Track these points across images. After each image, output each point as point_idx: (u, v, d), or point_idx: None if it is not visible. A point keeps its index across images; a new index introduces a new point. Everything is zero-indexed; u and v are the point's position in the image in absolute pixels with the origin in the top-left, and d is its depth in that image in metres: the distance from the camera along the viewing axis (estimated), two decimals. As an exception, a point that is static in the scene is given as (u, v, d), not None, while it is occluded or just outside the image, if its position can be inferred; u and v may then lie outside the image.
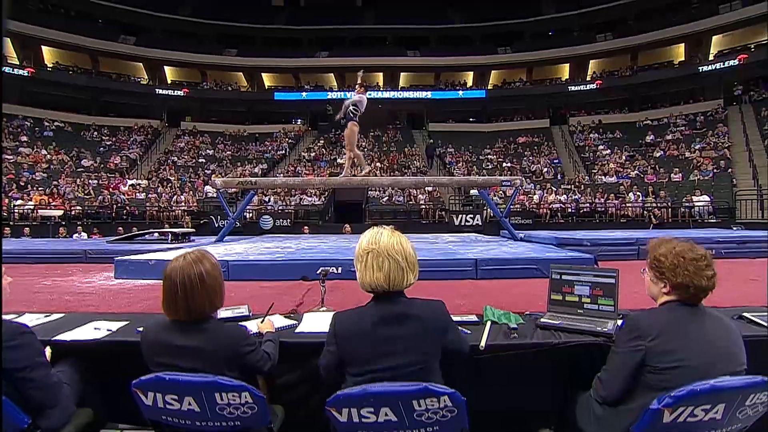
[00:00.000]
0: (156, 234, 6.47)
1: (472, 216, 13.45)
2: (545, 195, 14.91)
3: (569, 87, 25.82)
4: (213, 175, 18.25)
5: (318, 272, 4.05)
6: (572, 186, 15.84)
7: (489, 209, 13.69)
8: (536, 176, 17.74)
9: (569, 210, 13.98)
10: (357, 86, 6.35)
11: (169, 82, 27.59)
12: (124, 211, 14.40)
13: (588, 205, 14.05)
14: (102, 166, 18.96)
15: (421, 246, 5.34)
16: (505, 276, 4.00)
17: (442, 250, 4.80)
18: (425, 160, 21.88)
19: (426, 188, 16.48)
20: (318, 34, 28.06)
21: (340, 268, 3.99)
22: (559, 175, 17.74)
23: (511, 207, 14.05)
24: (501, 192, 15.52)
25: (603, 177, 16.62)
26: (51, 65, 24.82)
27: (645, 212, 13.27)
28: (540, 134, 23.50)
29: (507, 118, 26.45)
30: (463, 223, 13.35)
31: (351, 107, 6.00)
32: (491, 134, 24.59)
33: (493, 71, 27.67)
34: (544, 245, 5.59)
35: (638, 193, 14.27)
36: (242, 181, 6.62)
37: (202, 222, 13.68)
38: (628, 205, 13.73)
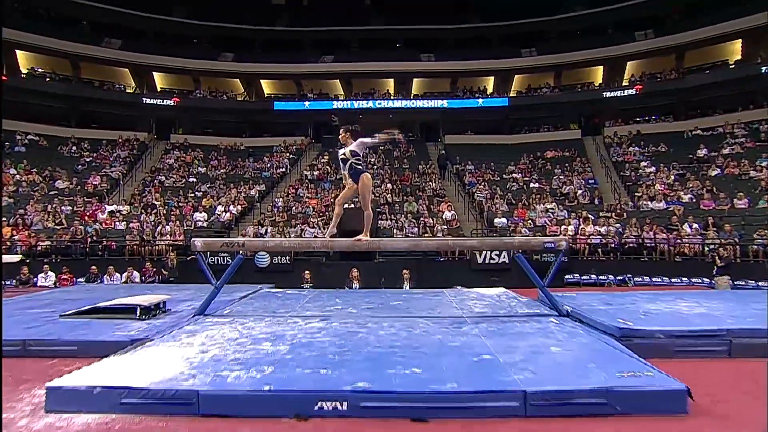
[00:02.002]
0: (124, 301, 5.84)
1: (497, 253, 12.75)
2: (581, 225, 14.16)
3: (604, 93, 25.13)
4: (204, 200, 17.82)
5: (316, 407, 3.38)
6: (612, 213, 15.04)
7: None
8: (569, 200, 17.00)
9: (611, 245, 13.17)
10: (342, 133, 5.73)
11: (158, 90, 27.42)
12: (101, 246, 13.88)
13: (634, 238, 13.22)
14: (79, 188, 18.49)
15: (438, 335, 4.64)
16: (565, 414, 3.28)
17: (477, 356, 4.07)
18: (440, 175, 21.46)
19: (444, 215, 15.87)
20: (322, 37, 27.81)
21: (345, 403, 3.31)
22: (596, 200, 16.92)
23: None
24: (530, 222, 14.84)
25: (649, 202, 15.78)
26: (26, 71, 24.66)
27: (706, 250, 12.35)
28: (571, 147, 22.88)
29: (532, 129, 25.91)
30: (486, 261, 12.82)
31: (353, 160, 5.43)
32: (515, 148, 24.07)
33: (516, 76, 27.17)
34: (601, 334, 4.85)
35: (695, 224, 13.37)
36: (227, 243, 6.05)
37: (189, 258, 13.16)
38: (683, 240, 12.85)
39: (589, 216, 14.51)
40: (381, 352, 4.19)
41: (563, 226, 14.21)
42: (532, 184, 18.79)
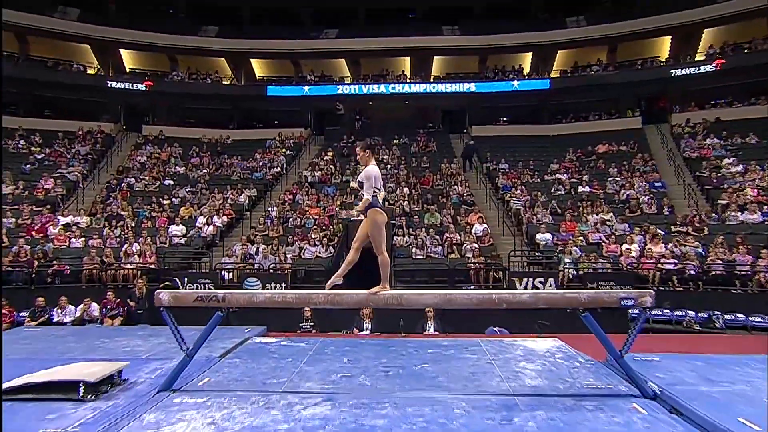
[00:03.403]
0: (64, 373, 5.23)
1: (542, 279, 12.41)
2: (648, 243, 13.48)
3: (672, 70, 24.24)
4: (182, 209, 17.44)
5: None
6: (689, 228, 14.25)
7: (564, 269, 12.55)
8: (630, 209, 16.23)
9: (689, 271, 12.41)
10: (359, 151, 5.48)
11: (126, 71, 27.21)
12: (51, 270, 13.35)
13: (720, 264, 12.42)
14: (26, 194, 17.89)
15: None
16: None
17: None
18: (464, 167, 21.08)
19: (473, 229, 15.27)
20: (324, 6, 27.57)
21: None
22: (665, 209, 16.09)
23: (592, 259, 12.98)
24: (580, 238, 14.18)
25: (738, 213, 14.82)
26: (-41, 49, 24.43)
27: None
28: (629, 139, 22.24)
29: (580, 117, 25.43)
30: (529, 288, 12.21)
31: (368, 189, 5.22)
32: (558, 141, 23.65)
33: (559, 52, 26.64)
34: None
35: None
36: (203, 297, 5.42)
37: (161, 286, 12.51)
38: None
39: (658, 232, 13.84)
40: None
41: (624, 245, 13.52)
42: (581, 188, 18.20)
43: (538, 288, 12.26)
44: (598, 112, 25.31)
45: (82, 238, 15.14)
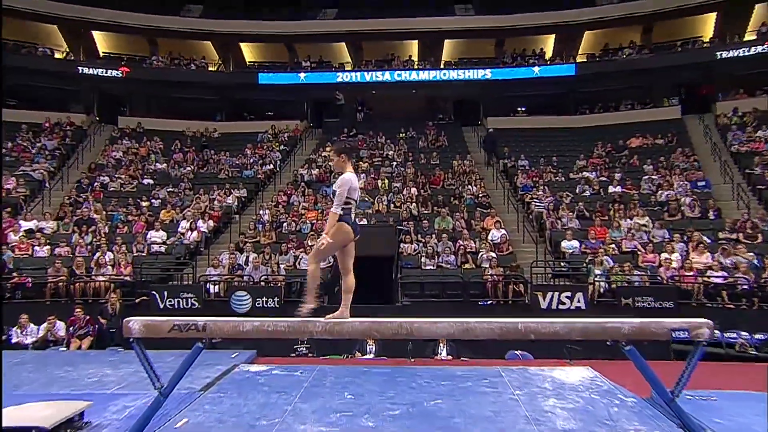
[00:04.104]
0: (16, 418, 4.98)
1: (569, 294, 12.16)
2: (691, 252, 13.21)
3: (717, 52, 23.79)
4: (162, 212, 17.29)
5: None
6: (740, 235, 13.89)
7: (594, 282, 12.34)
8: (669, 213, 15.91)
9: (742, 286, 12.07)
10: (333, 156, 5.39)
11: (99, 55, 27.15)
12: (10, 283, 13.07)
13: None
14: (-17, 195, 17.84)
15: None
16: None
17: None
18: (486, 160, 20.96)
19: (490, 235, 15.05)
20: (322, -17, 27.61)
21: None
22: (711, 213, 15.72)
23: (627, 271, 12.76)
24: (612, 246, 13.91)
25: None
26: None
27: None
28: (667, 131, 22.02)
29: (609, 107, 25.26)
30: (555, 307, 12.13)
31: (338, 202, 5.08)
32: (585, 133, 23.56)
33: (586, 33, 26.50)
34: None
35: None
36: (180, 325, 5.14)
37: (138, 301, 12.63)
38: None
39: (703, 239, 13.52)
40: None
41: (663, 254, 13.21)
42: (612, 188, 17.89)
43: (564, 303, 12.10)
44: (631, 101, 25.06)
45: (48, 246, 14.93)
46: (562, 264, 14.18)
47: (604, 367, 7.52)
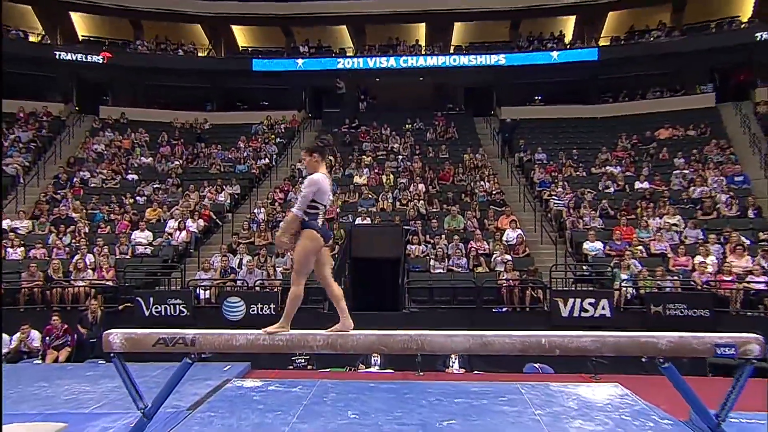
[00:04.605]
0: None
1: (593, 301, 12.05)
2: (728, 255, 13.11)
3: (757, 33, 23.48)
4: (148, 211, 17.30)
5: None
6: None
7: (621, 288, 12.36)
8: (703, 211, 15.85)
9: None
10: (304, 156, 5.35)
11: (79, 39, 27.10)
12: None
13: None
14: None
15: None
16: None
17: None
18: (503, 153, 21.06)
19: (505, 236, 15.01)
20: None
21: None
22: (750, 211, 15.58)
23: (657, 275, 12.72)
24: (640, 248, 13.83)
25: None
26: None
27: None
28: (700, 122, 21.98)
29: (636, 95, 25.20)
30: (577, 315, 12.04)
31: (311, 201, 5.04)
32: (608, 124, 23.68)
33: (610, 13, 26.47)
34: None
35: None
36: (167, 339, 5.04)
37: (121, 308, 12.63)
38: None
39: (742, 240, 13.44)
40: None
41: (697, 257, 13.11)
42: (638, 184, 17.91)
43: (587, 311, 12.01)
44: (660, 89, 24.97)
45: (22, 248, 14.90)
46: (585, 267, 14.15)
47: (634, 383, 7.40)
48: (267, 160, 21.71)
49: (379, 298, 13.76)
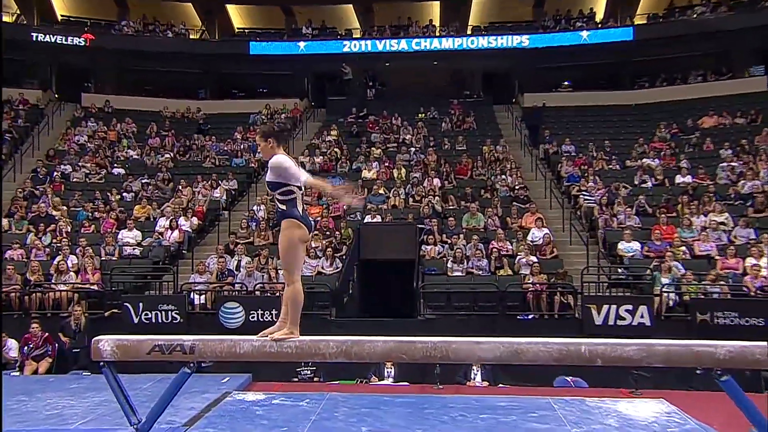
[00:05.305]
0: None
1: (630, 307, 11.95)
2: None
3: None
4: (137, 208, 17.34)
5: None
6: None
7: (661, 293, 12.44)
8: (755, 209, 15.77)
9: None
10: (259, 141, 5.27)
11: (58, 19, 27.22)
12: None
13: None
14: None
15: None
16: None
17: None
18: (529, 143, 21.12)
19: (531, 235, 15.04)
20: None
21: None
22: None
23: (706, 280, 12.64)
24: (682, 249, 13.77)
25: None
26: None
27: None
28: (749, 108, 21.96)
29: (676, 79, 25.26)
30: (612, 323, 11.93)
31: (276, 195, 5.15)
32: (645, 111, 23.70)
33: None
34: None
35: None
36: (163, 346, 5.04)
37: (107, 314, 12.70)
38: None
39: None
40: None
41: (749, 259, 13.00)
42: (680, 178, 17.83)
43: (624, 319, 11.90)
44: (703, 72, 24.98)
45: (-7, 248, 14.99)
46: (620, 270, 14.06)
47: (680, 400, 7.31)
48: (266, 153, 21.72)
49: (391, 304, 13.75)
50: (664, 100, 23.96)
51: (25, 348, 11.16)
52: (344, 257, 14.54)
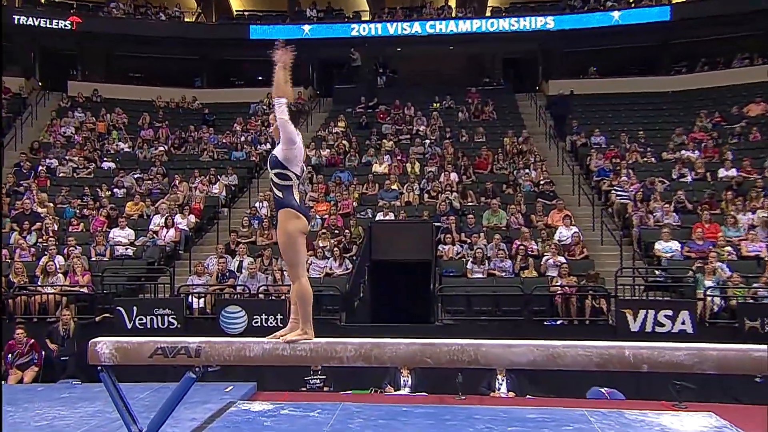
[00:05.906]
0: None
1: (670, 313, 11.89)
2: None
3: None
4: (129, 205, 17.40)
5: None
6: None
7: (705, 297, 12.43)
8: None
9: None
10: (272, 119, 5.43)
11: (42, 0, 27.51)
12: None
13: None
14: None
15: None
16: None
17: None
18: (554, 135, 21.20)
19: (558, 234, 15.10)
20: None
21: None
22: None
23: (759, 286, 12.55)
24: (728, 250, 13.76)
25: None
26: None
27: None
28: None
29: (718, 63, 25.24)
30: (650, 329, 11.89)
31: (273, 176, 5.21)
32: (684, 99, 23.74)
33: None
34: None
35: None
36: (166, 349, 5.08)
37: (98, 319, 12.67)
38: None
39: None
40: None
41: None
42: (723, 172, 17.81)
43: (663, 325, 11.84)
44: (749, 55, 24.87)
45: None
46: (658, 272, 14.02)
47: (728, 414, 7.21)
48: (268, 146, 21.43)
49: (406, 308, 13.81)
50: (705, 87, 23.97)
51: (9, 356, 11.16)
52: (354, 258, 14.56)
